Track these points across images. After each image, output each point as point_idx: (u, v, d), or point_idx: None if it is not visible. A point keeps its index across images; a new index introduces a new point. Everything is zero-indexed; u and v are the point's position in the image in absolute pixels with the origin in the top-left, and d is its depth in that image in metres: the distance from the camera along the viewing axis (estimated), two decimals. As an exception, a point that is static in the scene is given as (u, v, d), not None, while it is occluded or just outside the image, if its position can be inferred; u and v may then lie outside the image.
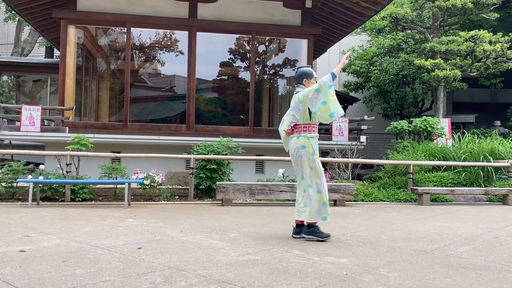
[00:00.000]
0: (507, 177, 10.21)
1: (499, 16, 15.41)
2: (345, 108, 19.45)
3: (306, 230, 4.91)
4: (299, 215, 4.98)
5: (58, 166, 8.88)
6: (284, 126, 5.27)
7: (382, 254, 4.22)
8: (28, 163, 8.79)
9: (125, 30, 11.98)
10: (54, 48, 19.51)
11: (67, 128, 11.00)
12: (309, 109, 4.86)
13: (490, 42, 14.33)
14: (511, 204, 9.02)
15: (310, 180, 4.90)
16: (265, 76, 15.34)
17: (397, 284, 3.19)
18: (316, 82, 4.91)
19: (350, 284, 3.17)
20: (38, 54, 23.35)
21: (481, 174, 10.00)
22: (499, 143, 10.84)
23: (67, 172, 8.43)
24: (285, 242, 4.71)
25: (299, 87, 5.09)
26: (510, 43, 14.39)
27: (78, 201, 8.21)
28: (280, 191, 8.32)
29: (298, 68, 5.19)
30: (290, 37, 13.17)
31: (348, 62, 19.40)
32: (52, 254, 3.98)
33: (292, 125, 5.01)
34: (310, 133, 4.94)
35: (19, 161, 8.61)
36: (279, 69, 15.09)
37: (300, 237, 4.93)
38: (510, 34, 14.55)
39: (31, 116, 10.64)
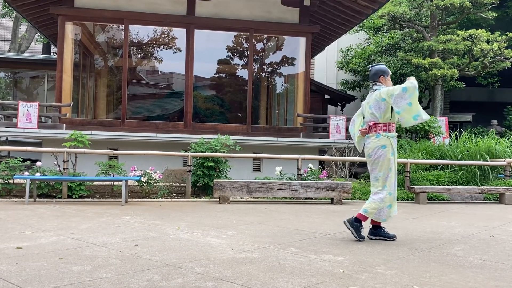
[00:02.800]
0: (503, 176, 10.24)
1: (496, 15, 15.42)
2: (342, 107, 19.47)
3: (372, 231, 4.88)
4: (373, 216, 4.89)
5: (55, 163, 8.85)
6: (356, 126, 5.17)
7: (379, 252, 4.23)
8: (25, 160, 8.77)
9: (123, 27, 11.95)
10: (52, 45, 19.44)
11: (64, 125, 10.97)
12: (391, 107, 4.75)
13: (487, 41, 14.34)
14: (507, 203, 9.05)
15: (386, 180, 4.81)
16: (263, 74, 15.33)
17: (393, 282, 3.20)
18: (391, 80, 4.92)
19: (347, 282, 3.18)
20: (35, 51, 23.25)
21: (478, 173, 10.03)
22: (496, 142, 10.87)
23: (64, 169, 8.41)
24: (282, 239, 4.71)
25: (376, 85, 4.97)
26: (507, 43, 14.41)
27: (75, 198, 8.20)
28: (278, 189, 8.32)
29: (373, 66, 5.09)
30: (288, 35, 13.16)
31: (345, 60, 19.43)
32: (49, 251, 3.97)
33: (371, 124, 4.86)
34: (390, 132, 4.82)
35: (16, 158, 8.58)
36: (277, 67, 15.08)
37: (377, 238, 4.87)
38: (507, 33, 14.56)
39: (28, 113, 10.60)
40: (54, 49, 20.49)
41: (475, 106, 20.51)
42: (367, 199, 9.22)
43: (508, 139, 11.58)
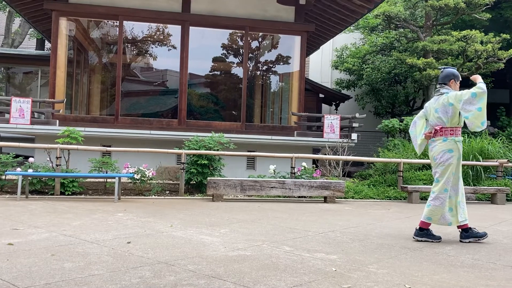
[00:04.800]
0: (495, 176, 10.31)
1: (491, 16, 15.50)
2: (336, 106, 19.50)
3: (418, 232, 4.86)
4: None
5: (48, 159, 8.80)
6: (418, 128, 5.15)
7: (371, 251, 4.24)
8: (17, 156, 8.71)
9: (117, 23, 11.89)
10: (45, 40, 19.31)
11: (58, 121, 10.90)
12: (458, 112, 4.73)
13: (481, 42, 14.43)
14: (499, 203, 9.11)
15: (447, 184, 4.80)
16: (258, 72, 15.32)
17: (385, 281, 3.22)
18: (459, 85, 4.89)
19: (339, 281, 3.18)
20: (29, 46, 23.07)
21: (471, 173, 10.09)
22: (489, 143, 10.94)
23: (57, 165, 8.37)
24: (275, 238, 4.72)
25: (443, 88, 4.92)
26: (501, 44, 14.50)
27: (68, 194, 8.16)
28: (271, 187, 8.33)
29: (444, 68, 5.05)
30: (283, 33, 13.15)
31: (340, 59, 19.47)
32: (40, 247, 3.95)
33: (438, 127, 4.84)
34: (457, 137, 4.80)
35: (8, 154, 8.52)
36: (272, 66, 15.07)
37: (423, 240, 4.83)
38: (501, 34, 14.65)
39: (21, 109, 10.53)
40: (48, 44, 20.38)
41: (468, 106, 20.56)
42: (360, 198, 9.31)
43: (500, 139, 11.66)
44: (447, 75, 4.96)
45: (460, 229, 4.91)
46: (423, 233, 4.84)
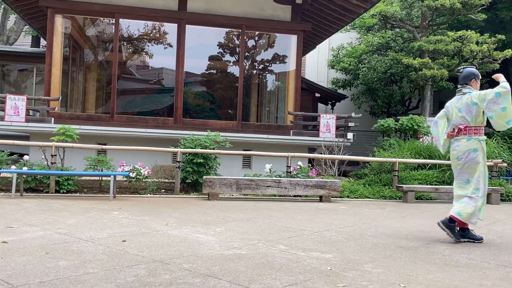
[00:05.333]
0: (490, 176, 10.35)
1: (486, 17, 15.57)
2: (332, 105, 19.53)
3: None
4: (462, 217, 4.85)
5: (43, 157, 8.77)
6: (439, 128, 5.15)
7: (366, 250, 4.25)
8: (12, 154, 8.67)
9: (114, 21, 11.84)
10: (41, 38, 19.22)
11: (53, 118, 10.86)
12: (482, 111, 4.73)
13: (477, 43, 14.48)
14: (493, 203, 9.15)
15: (478, 184, 4.80)
16: (254, 71, 15.31)
17: (380, 280, 3.22)
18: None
19: (334, 279, 3.19)
20: (24, 43, 22.95)
21: (465, 173, 10.11)
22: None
23: (51, 163, 8.34)
24: (271, 237, 4.72)
25: (465, 88, 4.92)
26: (496, 44, 14.57)
27: (63, 192, 8.13)
28: (267, 186, 8.33)
29: (464, 68, 5.05)
30: (279, 32, 13.15)
31: (336, 59, 19.49)
32: (35, 245, 3.93)
33: (462, 126, 4.84)
34: (481, 136, 4.81)
35: (3, 151, 8.48)
36: (268, 65, 15.06)
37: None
38: (496, 35, 14.72)
39: (15, 106, 10.48)
40: (43, 42, 20.28)
41: (463, 106, 20.66)
42: (355, 198, 9.33)
43: (495, 140, 11.71)
44: (467, 75, 4.97)
45: (459, 227, 4.90)
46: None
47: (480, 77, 5.04)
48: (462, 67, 5.18)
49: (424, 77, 14.24)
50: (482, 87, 4.67)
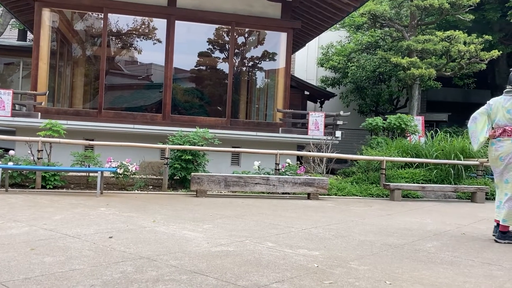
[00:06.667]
0: (476, 175, 10.49)
1: (474, 17, 15.73)
2: (321, 103, 19.59)
3: (500, 235, 4.87)
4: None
5: (29, 152, 8.67)
6: (478, 124, 5.12)
7: (353, 247, 4.28)
8: (-3, 148, 8.54)
9: (102, 16, 11.73)
10: (28, 31, 18.96)
11: (39, 113, 10.73)
12: None
13: (464, 43, 14.63)
14: (479, 202, 9.27)
15: None
16: (244, 68, 15.29)
17: (367, 277, 3.25)
18: None
19: (321, 277, 3.21)
20: (10, 37, 22.61)
21: (452, 172, 10.24)
22: (470, 142, 11.09)
23: (38, 158, 8.24)
24: (258, 234, 4.73)
25: None
26: (483, 45, 14.73)
27: (49, 188, 8.05)
28: (255, 184, 8.34)
29: None
30: (269, 29, 13.13)
31: (326, 57, 19.53)
32: (20, 241, 3.89)
33: (508, 128, 4.85)
34: None
35: (-12, 146, 8.37)
36: (257, 62, 15.05)
37: (506, 242, 4.85)
38: (484, 35, 14.88)
39: (1, 100, 10.34)
40: (30, 35, 20.01)
41: (451, 106, 20.91)
42: (343, 195, 9.38)
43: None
44: None
45: (500, 229, 4.92)
46: (505, 235, 4.88)
47: None
48: None
49: (412, 76, 14.35)
50: (468, 87, 4.70)
